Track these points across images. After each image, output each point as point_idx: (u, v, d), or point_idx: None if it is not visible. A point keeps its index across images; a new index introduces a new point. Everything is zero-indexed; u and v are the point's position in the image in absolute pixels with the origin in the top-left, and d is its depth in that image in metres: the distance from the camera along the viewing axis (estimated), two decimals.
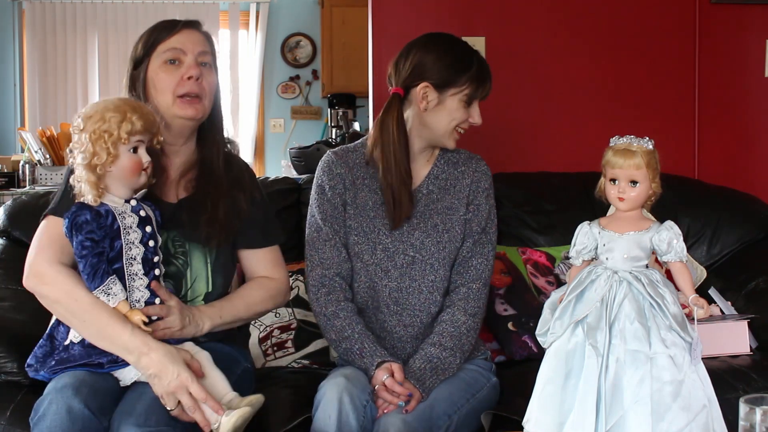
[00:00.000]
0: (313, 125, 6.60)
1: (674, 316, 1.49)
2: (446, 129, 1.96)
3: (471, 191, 2.02)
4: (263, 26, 6.52)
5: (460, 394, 1.88)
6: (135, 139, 1.68)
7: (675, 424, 1.44)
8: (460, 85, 1.93)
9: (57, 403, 1.57)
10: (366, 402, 1.74)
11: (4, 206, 2.46)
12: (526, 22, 3.02)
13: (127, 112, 1.67)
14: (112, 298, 1.65)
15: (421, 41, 1.99)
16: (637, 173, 1.54)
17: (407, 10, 2.98)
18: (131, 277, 1.69)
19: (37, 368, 1.71)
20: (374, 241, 1.97)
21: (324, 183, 2.00)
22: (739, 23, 3.08)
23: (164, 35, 1.86)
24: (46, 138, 4.99)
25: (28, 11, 6.41)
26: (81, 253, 1.65)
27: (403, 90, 1.96)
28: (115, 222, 1.67)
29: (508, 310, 2.37)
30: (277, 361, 2.30)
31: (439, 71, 1.92)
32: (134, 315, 1.66)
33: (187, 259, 1.85)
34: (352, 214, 1.98)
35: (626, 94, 3.06)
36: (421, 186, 2.02)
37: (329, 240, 1.97)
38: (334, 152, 2.04)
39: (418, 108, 1.95)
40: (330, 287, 1.95)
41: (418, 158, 2.02)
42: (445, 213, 2.00)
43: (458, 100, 1.94)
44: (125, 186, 1.70)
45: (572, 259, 1.62)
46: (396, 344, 1.97)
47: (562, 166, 2.87)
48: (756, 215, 2.72)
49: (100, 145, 1.65)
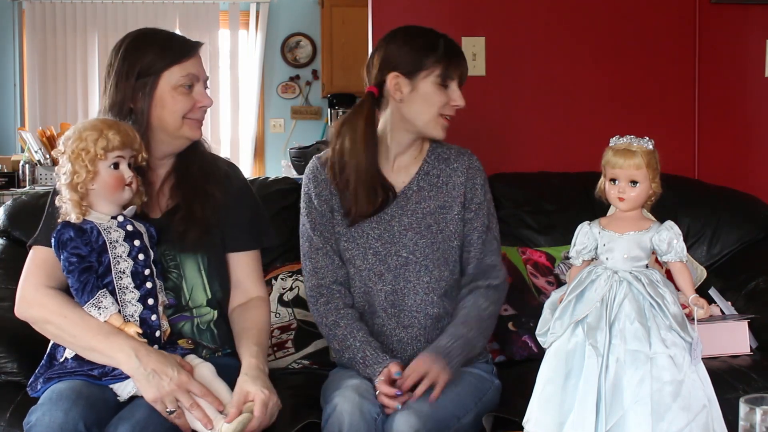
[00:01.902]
0: (313, 125, 6.60)
1: (674, 316, 1.49)
2: (428, 116, 1.92)
3: (467, 189, 1.99)
4: (263, 26, 6.52)
5: (469, 397, 1.86)
6: (113, 155, 1.69)
7: (675, 424, 1.44)
8: (429, 66, 1.90)
9: (50, 414, 1.56)
10: (377, 415, 1.73)
11: (4, 206, 2.46)
12: (526, 22, 3.02)
13: (103, 130, 1.68)
14: (103, 311, 1.66)
15: (386, 36, 1.97)
16: (637, 173, 1.54)
17: (407, 11, 2.98)
18: (122, 291, 1.69)
19: (36, 387, 1.72)
20: (364, 246, 1.95)
21: (311, 191, 1.98)
22: (739, 23, 3.08)
23: (180, 57, 1.82)
24: (46, 138, 4.99)
25: (28, 11, 6.41)
26: (68, 269, 1.67)
27: (376, 89, 1.94)
28: (101, 237, 1.68)
29: (508, 310, 2.37)
30: (277, 361, 2.29)
31: (404, 57, 1.90)
32: (129, 327, 1.66)
33: (180, 271, 1.86)
34: (339, 219, 1.96)
35: (626, 94, 3.05)
36: (411, 183, 1.98)
37: (320, 249, 1.96)
38: (318, 157, 2.02)
39: (395, 102, 1.92)
40: (328, 296, 1.95)
41: (404, 154, 1.99)
42: (438, 212, 1.97)
43: (431, 83, 1.90)
44: (110, 202, 1.72)
45: (572, 259, 1.62)
46: (396, 347, 1.96)
47: (562, 166, 2.87)
48: (756, 215, 2.72)
49: (78, 163, 1.67)
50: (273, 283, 2.40)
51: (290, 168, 4.87)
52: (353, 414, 1.70)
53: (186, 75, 1.82)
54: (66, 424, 1.54)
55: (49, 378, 1.70)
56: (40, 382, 1.72)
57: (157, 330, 1.72)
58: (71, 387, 1.63)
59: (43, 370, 1.75)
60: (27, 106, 6.44)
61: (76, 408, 1.57)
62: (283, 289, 2.38)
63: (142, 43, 1.83)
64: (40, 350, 1.87)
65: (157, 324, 1.73)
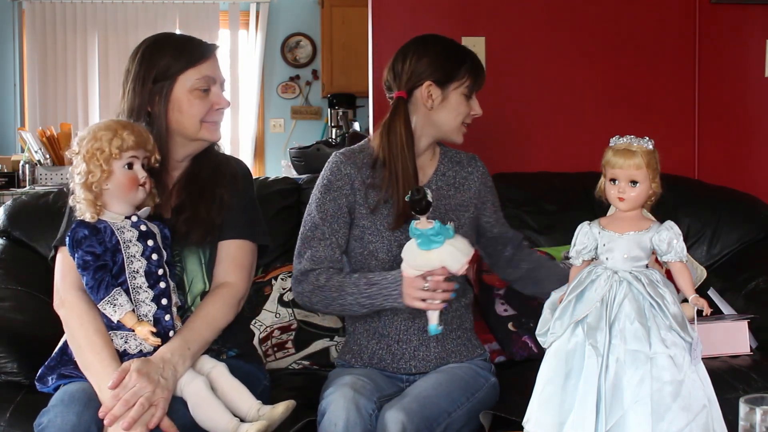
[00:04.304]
0: (313, 125, 6.60)
1: (674, 316, 1.49)
2: (455, 124, 2.02)
3: (482, 193, 2.10)
4: (263, 26, 6.52)
5: (460, 392, 1.88)
6: (128, 155, 1.70)
7: (675, 424, 1.44)
8: (461, 77, 1.99)
9: (63, 417, 1.56)
10: (372, 411, 1.74)
11: (4, 206, 2.47)
12: (526, 22, 3.02)
13: (117, 130, 1.69)
14: (118, 308, 1.66)
15: (414, 44, 2.04)
16: (637, 173, 1.54)
17: (407, 10, 2.98)
18: (136, 291, 1.69)
19: (47, 381, 1.72)
20: (389, 239, 1.98)
21: (331, 182, 2.00)
22: (739, 23, 3.08)
23: (196, 60, 1.83)
24: (46, 138, 4.99)
25: (28, 11, 6.41)
26: (83, 267, 1.67)
27: (406, 93, 1.99)
28: (114, 236, 1.69)
29: (508, 311, 2.37)
30: (278, 362, 2.30)
31: (439, 68, 1.98)
32: (143, 327, 1.66)
33: (182, 265, 1.86)
34: (364, 213, 1.99)
35: (626, 94, 3.06)
36: (430, 182, 2.05)
37: (325, 239, 1.96)
38: (342, 153, 2.04)
39: (424, 108, 2.00)
40: (318, 272, 1.95)
41: (422, 156, 2.06)
42: (457, 210, 2.05)
43: (460, 94, 2.00)
44: (124, 202, 1.72)
45: (572, 259, 1.62)
46: (403, 337, 1.98)
47: (562, 166, 2.87)
48: (756, 215, 2.72)
49: (93, 163, 1.68)
50: (273, 283, 2.40)
51: (290, 168, 4.87)
52: (349, 410, 1.71)
53: (202, 78, 1.82)
54: (78, 426, 1.55)
55: (62, 375, 1.71)
56: (53, 378, 1.72)
57: (171, 330, 1.72)
58: (83, 389, 1.63)
59: (53, 363, 1.74)
60: (27, 106, 6.43)
61: (88, 411, 1.57)
62: (283, 289, 2.38)
63: (158, 47, 1.84)
64: (40, 350, 1.88)
65: (170, 324, 1.72)
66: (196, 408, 1.65)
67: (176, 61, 1.81)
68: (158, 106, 1.81)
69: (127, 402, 1.56)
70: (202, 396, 1.66)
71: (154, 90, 1.81)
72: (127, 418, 1.55)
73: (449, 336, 2.02)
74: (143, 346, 1.68)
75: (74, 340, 1.69)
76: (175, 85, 1.81)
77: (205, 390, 1.66)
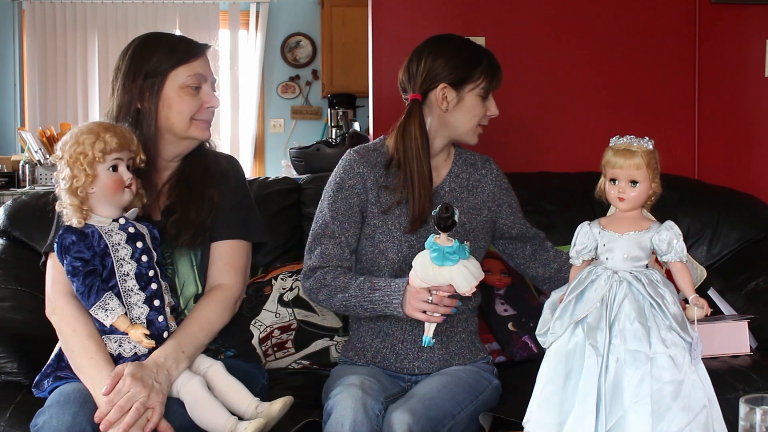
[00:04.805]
0: (313, 125, 6.60)
1: (674, 316, 1.49)
2: (471, 126, 2.01)
3: (496, 196, 2.09)
4: (263, 26, 6.52)
5: (464, 395, 1.88)
6: (112, 158, 1.69)
7: (675, 424, 1.44)
8: (476, 79, 1.98)
9: (58, 417, 1.56)
10: (379, 412, 1.74)
11: (4, 206, 2.46)
12: (526, 22, 3.02)
13: (100, 133, 1.68)
14: (110, 313, 1.65)
15: (429, 45, 2.02)
16: (637, 173, 1.54)
17: (407, 10, 2.98)
18: (127, 294, 1.69)
19: (43, 385, 1.73)
20: (400, 239, 1.97)
21: (344, 180, 2.00)
22: (739, 23, 3.08)
23: (187, 57, 1.83)
24: (46, 138, 4.99)
25: (28, 11, 6.41)
26: (73, 273, 1.66)
27: (420, 95, 1.99)
28: (102, 240, 1.68)
29: (508, 311, 2.37)
30: (278, 361, 2.30)
31: (453, 70, 1.97)
32: (137, 330, 1.66)
33: (174, 267, 1.85)
34: (376, 212, 1.99)
35: (626, 94, 3.06)
36: (443, 184, 2.05)
37: (335, 237, 1.97)
38: (356, 151, 2.05)
39: (439, 110, 1.99)
40: (326, 271, 1.96)
41: (437, 157, 2.06)
42: (470, 212, 2.04)
43: (476, 95, 1.99)
44: (110, 205, 1.72)
45: (572, 259, 1.62)
46: (407, 338, 1.98)
47: (562, 166, 2.87)
48: (756, 215, 2.72)
49: (77, 167, 1.67)
50: (273, 283, 2.40)
51: (290, 168, 4.86)
52: (357, 410, 1.70)
53: (193, 75, 1.82)
54: (73, 427, 1.54)
55: (58, 377, 1.70)
56: (48, 382, 1.72)
57: (165, 331, 1.72)
58: (79, 390, 1.63)
59: (50, 369, 1.75)
60: (27, 106, 6.43)
61: (83, 412, 1.57)
62: (283, 289, 2.38)
63: (149, 45, 1.84)
64: (40, 350, 1.88)
65: (164, 325, 1.72)
66: (193, 408, 1.65)
67: (168, 58, 1.81)
68: (148, 103, 1.80)
69: (121, 408, 1.56)
70: (199, 396, 1.66)
71: (144, 86, 1.80)
72: (122, 423, 1.55)
73: (454, 338, 2.02)
74: (138, 349, 1.68)
75: (68, 347, 1.69)
76: (166, 81, 1.81)
77: (202, 390, 1.66)
